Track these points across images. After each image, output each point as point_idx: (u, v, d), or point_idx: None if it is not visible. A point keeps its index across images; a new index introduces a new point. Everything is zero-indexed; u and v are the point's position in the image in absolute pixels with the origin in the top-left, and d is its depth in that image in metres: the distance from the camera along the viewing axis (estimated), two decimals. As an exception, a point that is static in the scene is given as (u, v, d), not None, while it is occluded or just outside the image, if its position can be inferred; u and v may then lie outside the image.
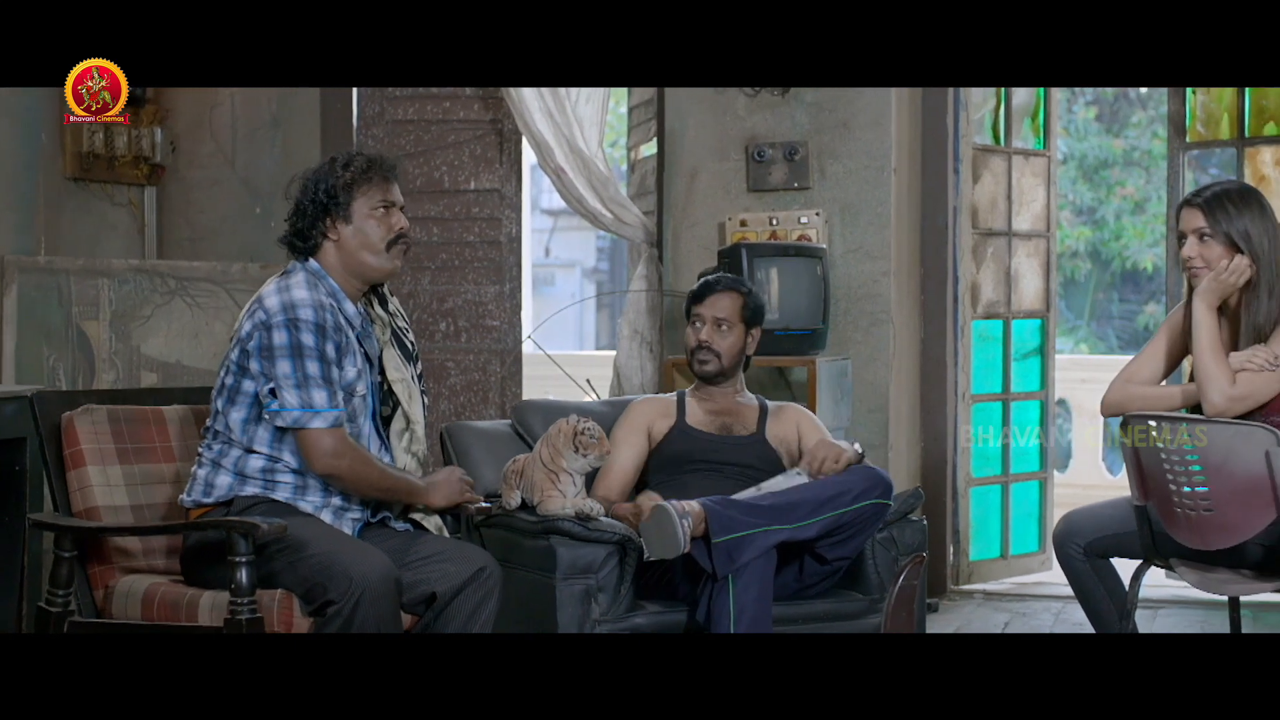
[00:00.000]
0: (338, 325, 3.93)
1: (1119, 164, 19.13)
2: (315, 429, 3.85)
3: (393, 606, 3.74)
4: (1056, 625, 6.32)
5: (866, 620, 4.43)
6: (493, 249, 7.11)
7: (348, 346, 3.96)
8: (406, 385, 4.14)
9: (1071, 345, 20.07)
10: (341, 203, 3.98)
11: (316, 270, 3.99)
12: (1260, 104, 6.72)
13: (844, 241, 6.48)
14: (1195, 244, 4.35)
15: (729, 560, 4.11)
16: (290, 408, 3.84)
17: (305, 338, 3.86)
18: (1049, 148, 7.45)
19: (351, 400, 3.98)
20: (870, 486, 4.33)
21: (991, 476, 7.22)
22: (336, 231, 3.99)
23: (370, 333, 4.08)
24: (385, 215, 4.02)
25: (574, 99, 6.75)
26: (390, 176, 4.06)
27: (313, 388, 3.85)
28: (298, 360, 3.85)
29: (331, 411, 3.86)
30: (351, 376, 3.97)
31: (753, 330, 4.83)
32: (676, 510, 4.10)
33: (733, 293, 4.82)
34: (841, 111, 6.49)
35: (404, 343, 4.19)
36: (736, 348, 4.79)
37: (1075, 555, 4.48)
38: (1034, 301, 7.40)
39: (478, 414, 6.94)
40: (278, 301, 3.90)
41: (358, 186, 4.00)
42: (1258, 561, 4.23)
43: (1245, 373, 4.22)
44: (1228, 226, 4.31)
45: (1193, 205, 4.39)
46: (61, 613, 3.88)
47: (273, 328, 3.87)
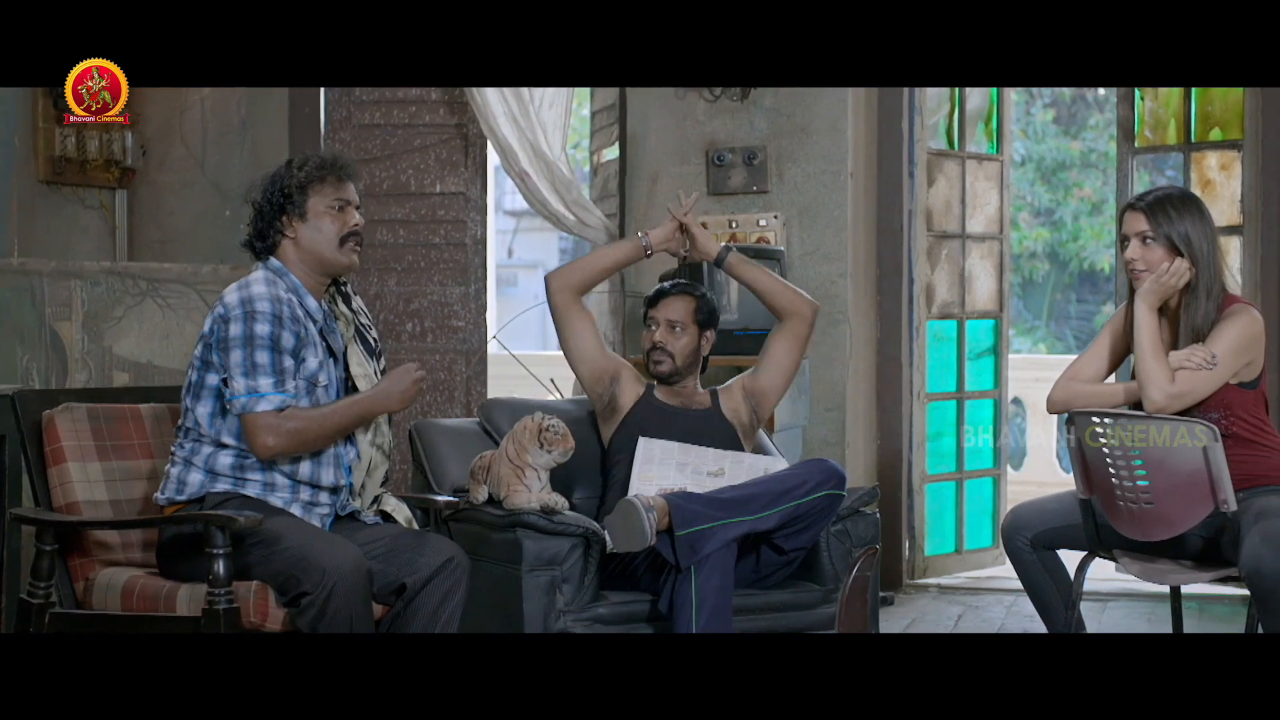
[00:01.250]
0: (295, 317, 4.06)
1: (1076, 166, 19.30)
2: (259, 412, 3.97)
3: (364, 597, 3.86)
4: (1008, 617, 6.49)
5: (822, 610, 4.58)
6: (458, 251, 7.24)
7: (308, 338, 4.09)
8: (369, 380, 4.26)
9: (1030, 345, 20.25)
10: (296, 201, 4.13)
11: (278, 268, 4.13)
12: (1205, 110, 6.90)
13: (802, 244, 6.64)
14: (1138, 246, 4.51)
15: (691, 552, 4.26)
16: (238, 394, 3.98)
17: (259, 328, 3.99)
18: (1002, 152, 7.62)
19: (314, 391, 4.10)
20: (825, 479, 4.49)
21: (946, 473, 7.39)
22: (293, 229, 4.13)
23: (334, 328, 4.21)
24: (339, 213, 4.15)
25: (538, 104, 6.88)
26: (344, 176, 4.20)
27: (260, 375, 3.98)
28: (249, 349, 3.98)
29: (276, 395, 3.98)
30: (313, 367, 4.09)
31: (706, 332, 4.97)
32: (643, 504, 4.25)
33: (686, 296, 4.97)
34: (799, 117, 6.65)
35: (367, 340, 4.32)
36: (690, 349, 4.93)
37: (1023, 547, 4.64)
38: (987, 302, 7.58)
39: (444, 413, 7.06)
40: (236, 297, 4.05)
41: (312, 185, 4.14)
42: (1197, 552, 4.40)
43: (1184, 371, 4.39)
44: (1169, 230, 4.48)
45: (1136, 209, 4.55)
46: (43, 604, 4.00)
47: (230, 320, 4.01)
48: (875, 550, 4.57)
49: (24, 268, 6.28)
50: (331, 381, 4.18)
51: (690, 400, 4.96)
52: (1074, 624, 4.54)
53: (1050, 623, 4.67)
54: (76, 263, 6.45)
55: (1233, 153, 6.76)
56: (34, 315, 6.27)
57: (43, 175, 6.63)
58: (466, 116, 7.10)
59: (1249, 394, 4.46)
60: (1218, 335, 4.42)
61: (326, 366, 4.15)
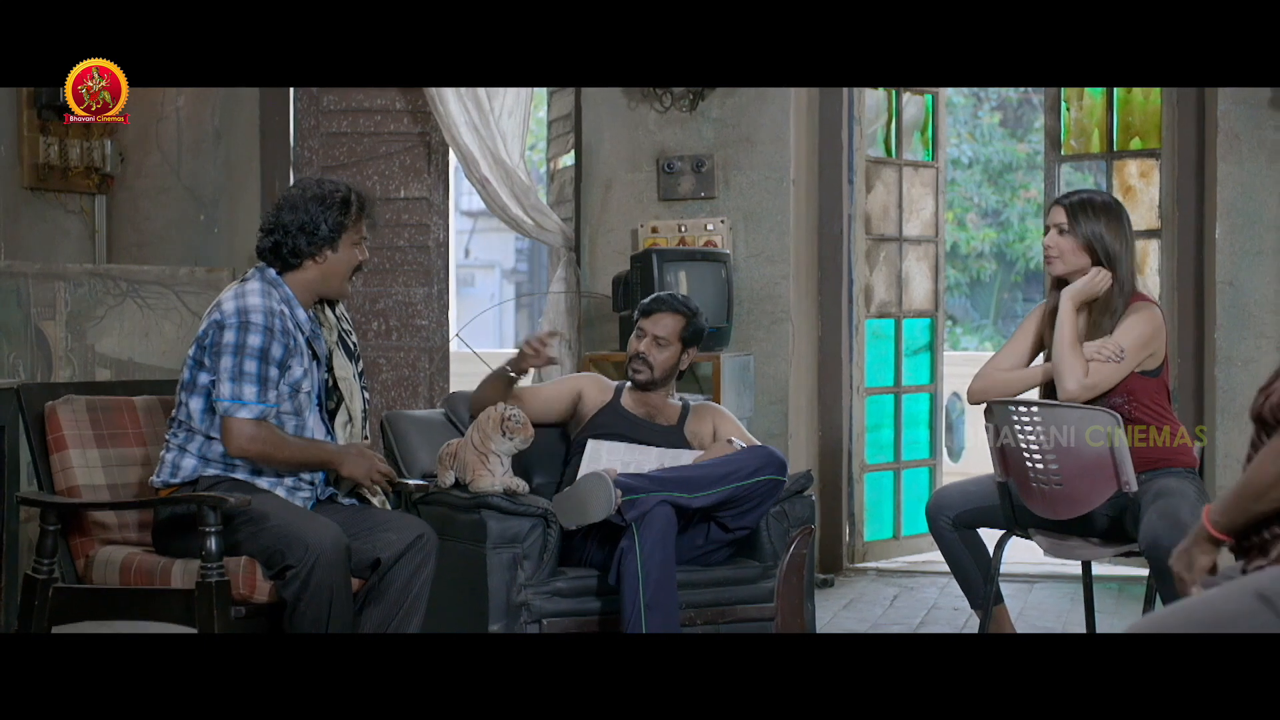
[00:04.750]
0: (285, 329, 4.39)
1: (1022, 168, 19.42)
2: (239, 418, 4.31)
3: (344, 571, 4.22)
4: (941, 597, 6.89)
5: (761, 584, 4.95)
6: (421, 253, 7.58)
7: (295, 349, 4.42)
8: (349, 383, 4.61)
9: (977, 343, 20.54)
10: (338, 237, 4.47)
11: (274, 279, 4.46)
12: (1126, 120, 7.27)
13: (747, 247, 6.97)
14: (1056, 236, 4.92)
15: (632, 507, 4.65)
16: (222, 398, 4.32)
17: (251, 339, 4.33)
18: (937, 159, 7.98)
19: (298, 396, 4.45)
20: (765, 464, 4.86)
21: (884, 463, 7.75)
22: (324, 257, 4.47)
23: (320, 334, 4.57)
24: (358, 248, 4.54)
25: (497, 113, 7.18)
26: (371, 214, 4.59)
27: (245, 383, 4.31)
28: (239, 358, 4.31)
29: (258, 405, 4.32)
30: (298, 375, 4.43)
31: (689, 349, 5.22)
32: (609, 476, 4.64)
33: (676, 314, 5.20)
34: (744, 127, 6.98)
35: (348, 344, 4.67)
36: (670, 363, 5.19)
37: (945, 527, 5.02)
38: (923, 302, 7.95)
39: (408, 407, 7.33)
40: (233, 305, 4.38)
41: (352, 223, 4.51)
42: (1104, 530, 4.79)
43: (1094, 363, 4.79)
44: (1085, 228, 4.88)
45: (1060, 204, 4.97)
46: (47, 580, 4.34)
47: (225, 327, 4.35)
48: (811, 530, 4.98)
49: (10, 269, 6.55)
50: (315, 386, 4.52)
51: (657, 411, 5.22)
52: (992, 597, 4.94)
53: (971, 596, 5.05)
54: (60, 265, 6.72)
55: (1151, 161, 7.11)
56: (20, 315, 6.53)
57: (27, 182, 6.93)
58: (429, 125, 7.41)
59: (1151, 382, 4.85)
60: (1124, 329, 4.82)
61: (311, 373, 4.49)
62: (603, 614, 4.78)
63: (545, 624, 4.73)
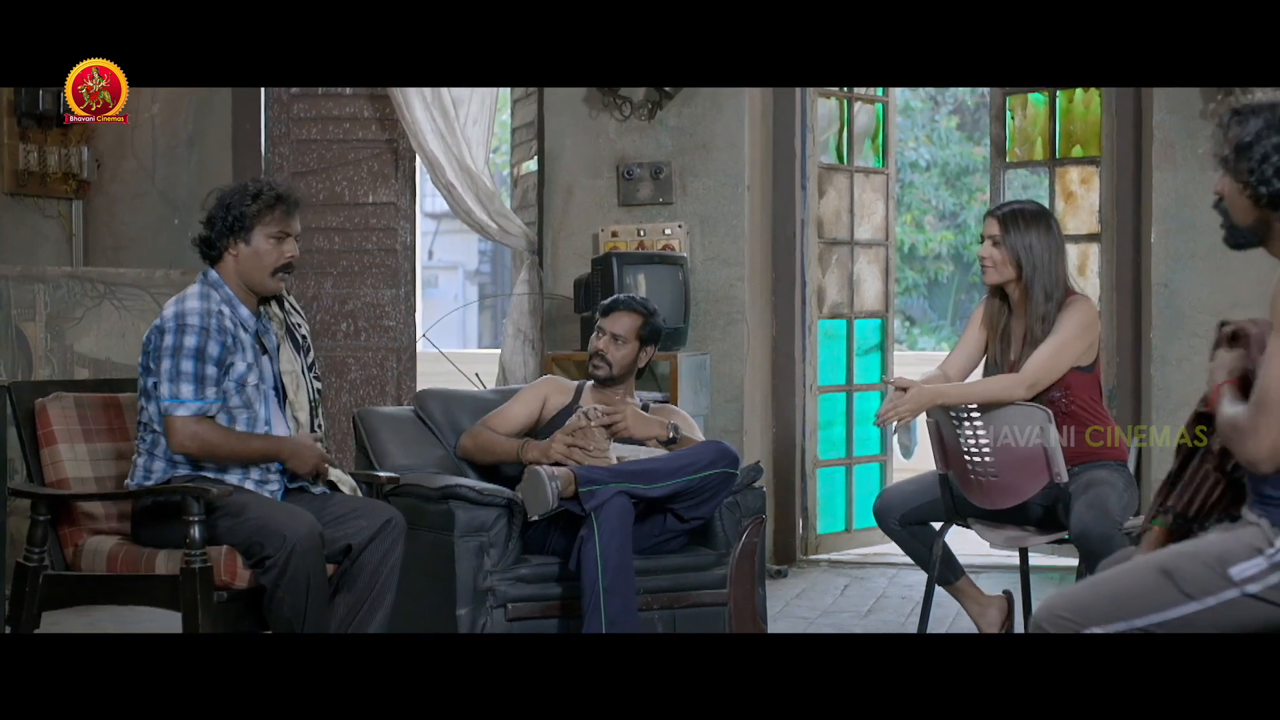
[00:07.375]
0: (223, 327, 4.57)
1: (979, 171, 19.53)
2: (178, 416, 4.52)
3: (319, 558, 4.44)
4: (890, 586, 7.14)
5: (715, 571, 5.20)
6: (389, 256, 7.81)
7: (236, 345, 4.61)
8: (295, 377, 4.80)
9: (935, 343, 20.76)
10: (245, 227, 4.63)
11: (215, 280, 4.65)
12: (1068, 129, 7.52)
13: (703, 250, 7.20)
14: (990, 247, 5.15)
15: (591, 497, 4.89)
16: (162, 398, 4.53)
17: (187, 340, 4.52)
18: (887, 166, 8.21)
19: (244, 390, 4.63)
20: (718, 458, 5.12)
21: (836, 459, 7.97)
22: (237, 249, 4.64)
23: (269, 329, 4.76)
24: (278, 244, 4.66)
25: (463, 121, 7.41)
26: (291, 210, 4.70)
27: (182, 382, 4.51)
28: (175, 359, 4.52)
29: (194, 403, 4.51)
30: (242, 370, 4.62)
31: (647, 348, 5.46)
32: (546, 474, 4.89)
33: (634, 314, 5.44)
34: (701, 135, 7.21)
35: (295, 337, 4.84)
36: (628, 360, 5.43)
37: (894, 526, 5.23)
38: (874, 303, 8.19)
39: (377, 405, 7.54)
40: (171, 311, 4.59)
41: (261, 216, 4.64)
42: (1038, 519, 5.03)
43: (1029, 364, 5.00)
44: (1016, 238, 5.13)
45: (993, 215, 5.21)
46: (37, 567, 4.57)
47: (164, 332, 4.56)
48: (762, 520, 5.22)
49: (-8, 272, 6.80)
50: (265, 378, 4.71)
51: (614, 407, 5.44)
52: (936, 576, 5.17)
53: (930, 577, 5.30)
54: (40, 267, 6.94)
55: (1091, 168, 7.36)
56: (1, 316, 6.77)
57: (7, 187, 7.13)
58: (397, 132, 7.62)
59: (1086, 377, 5.08)
60: (1060, 325, 5.04)
61: (259, 366, 4.68)
62: (564, 599, 5.01)
63: (510, 608, 4.97)
